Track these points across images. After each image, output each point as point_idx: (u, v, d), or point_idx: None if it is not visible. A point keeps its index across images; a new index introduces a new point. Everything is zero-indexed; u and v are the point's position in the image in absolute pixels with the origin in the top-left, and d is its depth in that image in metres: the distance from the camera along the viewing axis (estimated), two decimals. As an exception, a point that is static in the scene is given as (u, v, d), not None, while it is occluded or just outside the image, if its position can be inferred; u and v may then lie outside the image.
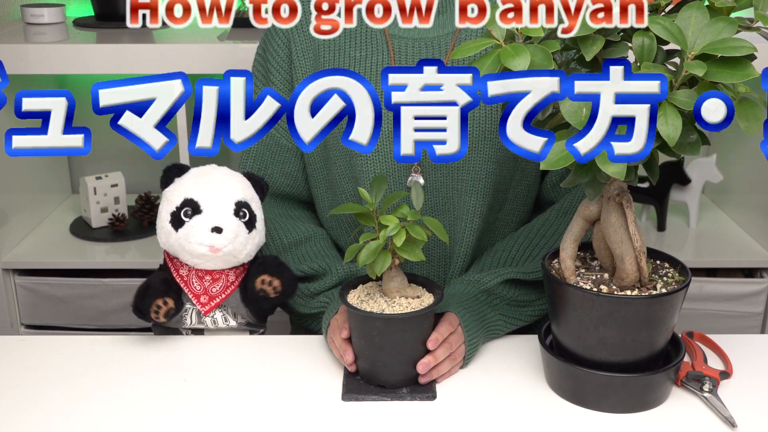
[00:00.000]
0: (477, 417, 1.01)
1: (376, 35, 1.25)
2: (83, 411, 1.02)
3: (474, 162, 1.22)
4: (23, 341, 1.20)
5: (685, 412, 1.02)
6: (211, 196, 1.14)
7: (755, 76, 0.80)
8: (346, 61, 1.25)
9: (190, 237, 1.12)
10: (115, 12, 2.01)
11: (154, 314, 1.13)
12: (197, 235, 1.12)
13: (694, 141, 0.88)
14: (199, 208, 1.13)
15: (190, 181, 1.16)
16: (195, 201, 1.13)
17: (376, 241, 1.01)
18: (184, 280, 1.17)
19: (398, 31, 1.25)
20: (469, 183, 1.23)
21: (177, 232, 1.13)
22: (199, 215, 1.13)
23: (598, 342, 0.99)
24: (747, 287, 1.91)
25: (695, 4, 0.85)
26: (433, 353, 1.05)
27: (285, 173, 1.32)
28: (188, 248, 1.13)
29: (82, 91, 2.40)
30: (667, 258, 1.06)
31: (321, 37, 0.88)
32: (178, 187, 1.15)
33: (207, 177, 1.17)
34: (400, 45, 1.24)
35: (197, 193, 1.14)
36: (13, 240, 1.93)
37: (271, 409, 1.03)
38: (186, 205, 1.13)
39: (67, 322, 1.94)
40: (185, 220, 1.13)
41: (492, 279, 1.19)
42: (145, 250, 1.94)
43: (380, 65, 1.24)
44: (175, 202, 1.14)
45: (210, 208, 1.13)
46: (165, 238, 1.16)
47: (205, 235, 1.12)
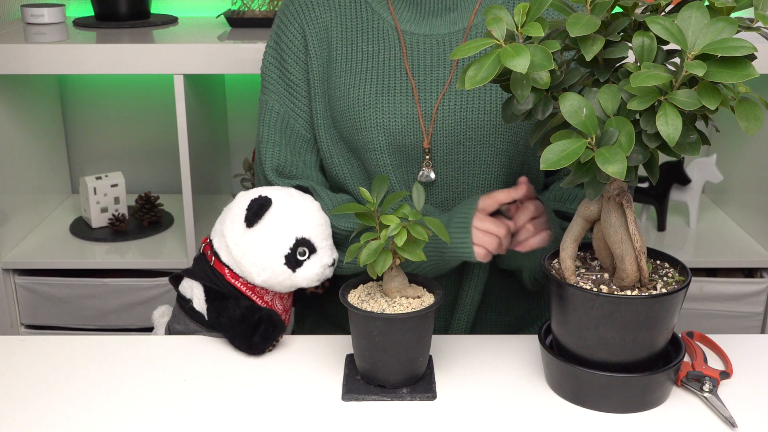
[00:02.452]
0: (477, 417, 1.01)
1: (388, 31, 1.26)
2: (83, 411, 1.02)
3: (485, 156, 1.23)
4: (23, 341, 1.20)
5: (685, 412, 1.02)
6: (318, 232, 1.15)
7: (755, 76, 0.80)
8: (359, 56, 1.26)
9: (312, 277, 1.14)
10: (115, 12, 2.02)
11: (271, 348, 1.14)
12: (320, 275, 1.15)
13: (694, 141, 0.88)
14: (314, 247, 1.14)
15: (289, 217, 1.13)
16: (308, 240, 1.13)
17: (377, 240, 1.01)
18: (269, 305, 1.18)
19: (410, 27, 1.25)
20: (480, 177, 1.24)
21: (295, 272, 1.13)
22: (315, 254, 1.14)
23: (598, 342, 0.99)
24: (747, 287, 1.91)
25: (695, 4, 0.85)
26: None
27: (305, 162, 1.32)
28: (305, 285, 1.15)
29: (82, 91, 2.42)
30: (667, 258, 1.06)
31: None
32: (281, 226, 1.13)
33: (303, 209, 1.15)
34: (412, 41, 1.25)
35: (306, 230, 1.14)
36: (13, 240, 1.93)
37: (271, 409, 1.03)
38: (300, 245, 1.13)
39: (67, 322, 1.94)
40: (302, 260, 1.13)
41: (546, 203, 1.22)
42: (145, 250, 1.94)
43: (392, 60, 1.25)
44: (286, 242, 1.12)
45: (322, 244, 1.15)
46: (272, 278, 1.14)
47: (327, 272, 1.16)
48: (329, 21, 1.28)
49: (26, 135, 1.98)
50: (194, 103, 1.84)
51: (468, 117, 1.22)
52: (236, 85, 2.22)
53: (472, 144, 1.23)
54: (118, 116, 2.24)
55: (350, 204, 1.06)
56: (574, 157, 0.84)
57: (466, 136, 1.22)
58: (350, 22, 1.27)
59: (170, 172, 2.22)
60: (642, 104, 0.84)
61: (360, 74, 1.25)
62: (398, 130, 1.22)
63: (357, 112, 1.23)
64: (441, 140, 1.23)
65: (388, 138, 1.23)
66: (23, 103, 1.96)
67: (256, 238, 1.12)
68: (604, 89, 0.88)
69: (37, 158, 2.06)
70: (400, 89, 1.23)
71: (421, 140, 1.22)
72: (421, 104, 1.22)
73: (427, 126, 1.22)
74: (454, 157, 1.23)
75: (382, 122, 1.22)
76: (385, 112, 1.23)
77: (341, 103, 1.25)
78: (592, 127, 0.86)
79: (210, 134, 2.03)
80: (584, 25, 0.85)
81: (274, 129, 1.30)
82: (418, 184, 1.06)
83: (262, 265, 1.13)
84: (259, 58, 1.72)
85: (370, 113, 1.23)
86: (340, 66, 1.26)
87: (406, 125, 1.22)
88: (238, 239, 1.13)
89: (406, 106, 1.23)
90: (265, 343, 1.12)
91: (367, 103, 1.23)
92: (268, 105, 1.31)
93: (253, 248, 1.12)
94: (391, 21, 1.26)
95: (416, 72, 1.24)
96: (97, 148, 2.27)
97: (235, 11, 2.02)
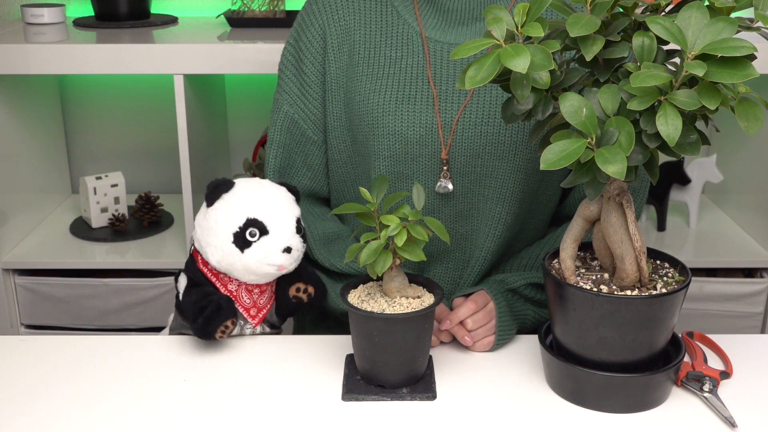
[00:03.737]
0: (477, 417, 1.01)
1: (412, 37, 1.23)
2: (83, 411, 1.02)
3: (502, 170, 1.21)
4: (23, 341, 1.20)
5: (685, 412, 1.02)
6: (274, 215, 1.12)
7: (755, 76, 0.80)
8: (381, 60, 1.24)
9: (261, 259, 1.11)
10: (115, 12, 2.02)
11: (221, 334, 1.12)
12: (268, 257, 1.11)
13: (694, 141, 0.88)
14: (265, 229, 1.11)
15: (245, 198, 1.12)
16: (260, 221, 1.11)
17: (377, 240, 1.01)
18: (233, 295, 1.16)
19: (434, 35, 1.23)
20: (496, 190, 1.22)
21: (243, 253, 1.11)
22: (266, 236, 1.11)
23: (598, 342, 0.99)
24: (747, 287, 1.91)
25: (695, 4, 0.85)
26: (455, 311, 1.11)
27: (308, 165, 1.32)
28: (255, 269, 1.12)
29: (82, 91, 2.42)
30: (667, 258, 1.06)
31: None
32: (235, 205, 1.12)
33: (263, 194, 1.14)
34: (436, 48, 1.22)
35: (259, 212, 1.12)
36: (13, 240, 1.93)
37: (271, 409, 1.03)
38: (250, 225, 1.11)
39: (67, 322, 1.94)
40: (251, 241, 1.11)
41: (517, 280, 1.20)
42: (145, 250, 1.94)
43: (415, 67, 1.22)
44: (236, 221, 1.11)
45: (276, 228, 1.12)
46: (224, 258, 1.12)
47: (277, 256, 1.12)
48: (352, 23, 1.25)
49: (26, 135, 1.98)
50: (194, 103, 1.84)
51: (488, 131, 1.19)
52: (236, 85, 2.22)
53: (490, 158, 1.20)
54: (118, 116, 2.24)
55: (351, 204, 1.06)
56: (574, 157, 0.84)
57: (485, 150, 1.20)
58: (374, 25, 1.25)
59: (170, 172, 2.22)
60: (642, 104, 0.84)
61: (381, 79, 1.23)
62: (416, 140, 1.20)
63: (375, 117, 1.22)
64: (459, 152, 1.20)
65: (405, 147, 1.21)
66: (23, 103, 1.96)
67: (212, 217, 1.13)
68: (604, 89, 0.88)
69: (37, 158, 2.06)
70: (420, 98, 1.21)
71: (439, 151, 1.20)
72: (441, 114, 1.20)
73: (446, 137, 1.20)
74: (471, 170, 1.21)
75: (400, 130, 1.20)
76: (404, 120, 1.20)
77: (360, 107, 1.23)
78: (592, 127, 0.85)
79: (210, 134, 2.03)
80: (584, 25, 0.84)
81: (281, 130, 1.29)
82: (418, 185, 1.06)
83: (214, 244, 1.12)
84: (259, 58, 1.72)
85: (389, 120, 1.21)
86: (362, 70, 1.24)
87: (425, 135, 1.20)
88: (201, 220, 1.14)
89: (426, 116, 1.20)
90: (209, 326, 1.11)
91: (387, 110, 1.21)
92: (279, 104, 1.30)
93: (209, 226, 1.12)
94: (416, 27, 1.23)
95: (438, 81, 1.21)
96: (97, 148, 2.27)
97: (235, 11, 2.02)
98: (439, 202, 1.23)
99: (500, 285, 1.19)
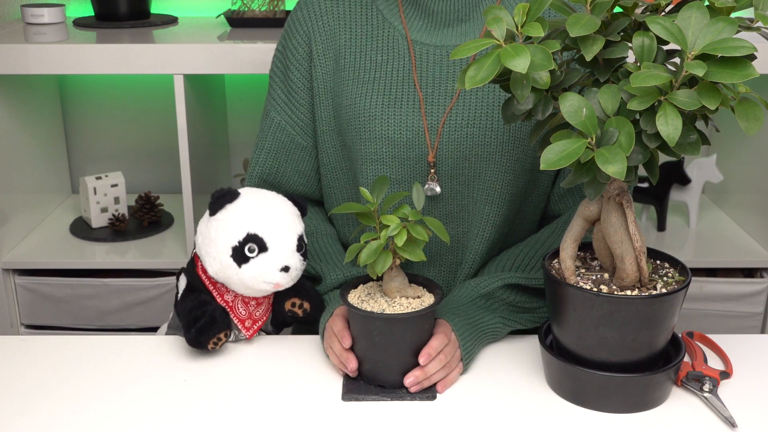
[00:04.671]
0: (477, 417, 1.01)
1: (397, 40, 1.23)
2: (83, 411, 1.02)
3: (490, 172, 1.21)
4: (23, 341, 1.20)
5: (685, 412, 1.02)
6: (275, 232, 1.10)
7: (755, 76, 0.80)
8: (367, 64, 1.23)
9: (257, 276, 1.10)
10: (115, 12, 2.02)
11: (213, 345, 1.11)
12: (265, 275, 1.10)
13: (694, 141, 0.88)
14: (265, 246, 1.10)
15: (248, 212, 1.10)
16: (260, 238, 1.09)
17: (377, 240, 1.01)
18: (229, 306, 1.15)
19: (420, 37, 1.22)
20: (484, 192, 1.22)
21: (240, 267, 1.09)
22: (265, 253, 1.09)
23: (598, 342, 0.99)
24: (747, 287, 1.91)
25: (695, 4, 0.85)
26: (423, 368, 1.05)
27: (299, 171, 1.32)
28: (251, 285, 1.11)
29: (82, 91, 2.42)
30: (667, 258, 1.06)
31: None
32: (236, 218, 1.10)
33: (266, 208, 1.12)
34: (421, 51, 1.22)
35: (261, 228, 1.10)
36: (13, 240, 1.93)
37: (271, 409, 1.03)
38: (250, 240, 1.09)
39: (67, 322, 1.94)
40: (250, 257, 1.09)
41: (492, 283, 1.19)
42: (145, 250, 1.94)
43: (401, 71, 1.22)
44: (236, 235, 1.09)
45: (276, 246, 1.10)
46: (221, 270, 1.11)
47: (274, 274, 1.10)
48: (338, 28, 1.25)
49: (26, 135, 1.98)
50: (194, 103, 1.84)
51: (475, 133, 1.19)
52: (236, 85, 2.22)
53: (477, 160, 1.20)
54: (118, 116, 2.24)
55: (351, 204, 1.06)
56: (574, 157, 0.84)
57: (472, 152, 1.20)
58: (360, 29, 1.25)
59: (170, 172, 2.22)
60: (642, 104, 0.84)
61: (367, 84, 1.23)
62: (403, 143, 1.20)
63: (363, 122, 1.22)
64: (446, 155, 1.20)
65: (392, 150, 1.21)
66: (23, 103, 1.96)
67: (213, 227, 1.11)
68: (604, 89, 0.88)
69: (37, 158, 2.06)
70: (407, 101, 1.21)
71: (426, 154, 1.20)
72: (427, 117, 1.20)
73: (432, 140, 1.20)
74: (459, 172, 1.21)
75: (387, 134, 1.20)
76: (390, 123, 1.20)
77: (348, 111, 1.23)
78: (592, 127, 0.85)
79: (210, 134, 2.03)
80: (584, 25, 0.84)
81: (269, 136, 1.30)
82: (418, 185, 1.06)
83: (213, 255, 1.11)
84: (259, 58, 1.72)
85: (376, 124, 1.21)
86: (348, 74, 1.24)
87: (412, 138, 1.20)
88: (203, 227, 1.13)
89: (412, 119, 1.20)
90: (202, 337, 1.10)
91: (374, 114, 1.21)
92: (267, 111, 1.31)
93: (210, 236, 1.11)
94: (401, 30, 1.23)
95: (424, 84, 1.21)
96: (97, 148, 2.27)
97: (235, 11, 2.02)
98: (427, 204, 1.23)
99: (474, 290, 1.19)
